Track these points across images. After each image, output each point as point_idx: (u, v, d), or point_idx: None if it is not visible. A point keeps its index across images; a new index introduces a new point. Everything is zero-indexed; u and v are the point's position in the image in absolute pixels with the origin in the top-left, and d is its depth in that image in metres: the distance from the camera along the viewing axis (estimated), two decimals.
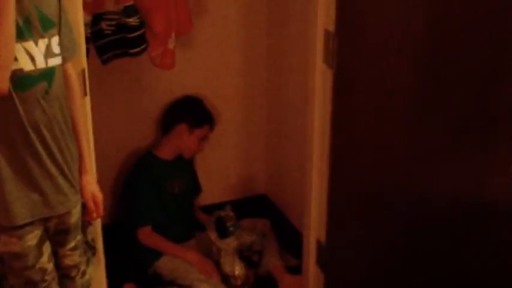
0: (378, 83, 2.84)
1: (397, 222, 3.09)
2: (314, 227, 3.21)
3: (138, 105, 3.75)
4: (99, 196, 2.44)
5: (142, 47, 3.22)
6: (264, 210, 4.11)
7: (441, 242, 3.12)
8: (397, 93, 2.86)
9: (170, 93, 3.77)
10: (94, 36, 3.13)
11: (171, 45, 3.29)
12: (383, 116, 2.90)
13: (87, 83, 2.54)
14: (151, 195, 3.58)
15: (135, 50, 3.21)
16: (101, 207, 2.44)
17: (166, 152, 3.66)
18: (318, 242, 3.21)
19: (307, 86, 3.05)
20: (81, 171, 2.36)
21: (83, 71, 2.51)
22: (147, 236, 3.56)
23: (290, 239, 3.82)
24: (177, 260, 3.53)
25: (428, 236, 3.12)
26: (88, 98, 2.55)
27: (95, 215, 2.43)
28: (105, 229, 2.75)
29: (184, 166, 3.77)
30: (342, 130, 2.93)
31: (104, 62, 3.22)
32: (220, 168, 4.12)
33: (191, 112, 3.66)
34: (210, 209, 3.89)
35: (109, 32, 3.17)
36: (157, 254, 3.56)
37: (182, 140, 3.63)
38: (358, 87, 2.86)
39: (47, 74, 2.12)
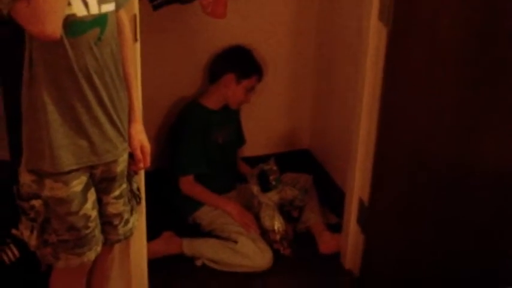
0: (433, 41, 2.79)
1: (442, 187, 3.06)
2: (357, 185, 3.20)
3: (187, 53, 3.71)
4: (147, 146, 2.42)
5: None
6: (306, 165, 4.07)
7: (484, 209, 3.09)
8: (451, 52, 2.82)
9: (219, 42, 3.72)
10: None
11: None
12: (436, 76, 2.86)
13: (137, 29, 2.51)
14: (196, 144, 3.55)
15: None
16: (148, 157, 2.43)
17: (212, 101, 3.63)
18: (360, 201, 3.20)
19: (360, 42, 3.01)
20: (130, 119, 2.34)
21: (135, 16, 2.48)
22: (188, 185, 3.55)
23: (331, 196, 3.81)
24: (217, 211, 3.52)
25: (471, 203, 3.08)
26: (138, 44, 2.52)
27: (141, 164, 2.41)
28: (147, 176, 2.73)
29: (230, 116, 3.74)
30: (393, 90, 2.89)
31: (155, 8, 3.17)
32: (265, 120, 4.09)
33: (240, 62, 3.62)
34: (252, 160, 3.88)
35: None
36: (197, 204, 3.55)
37: (229, 90, 3.59)
38: (412, 46, 2.81)
39: (100, 20, 2.09)
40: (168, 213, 3.59)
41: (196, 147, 3.56)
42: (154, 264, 3.08)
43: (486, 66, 2.83)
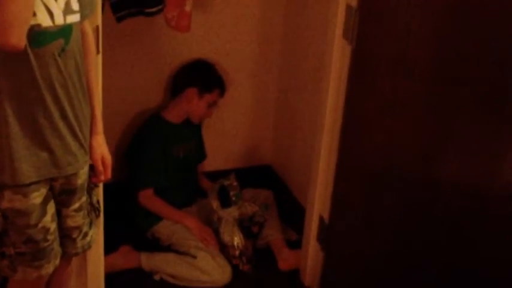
0: (397, 61, 2.80)
1: (404, 205, 3.06)
2: (318, 203, 3.21)
3: (149, 66, 3.70)
4: (108, 158, 2.39)
5: (159, 7, 3.15)
6: (267, 181, 4.07)
7: (448, 227, 3.09)
8: (415, 73, 2.82)
9: (182, 56, 3.71)
10: None
11: (188, 8, 3.22)
12: (399, 95, 2.86)
13: (100, 41, 2.49)
14: (156, 158, 3.53)
15: (151, 9, 3.14)
16: (109, 169, 2.40)
17: (174, 115, 3.61)
18: (321, 219, 3.20)
19: (324, 61, 3.02)
20: (91, 131, 2.31)
21: (97, 28, 2.45)
22: (148, 198, 3.52)
23: (292, 213, 3.81)
24: (176, 226, 3.50)
25: (434, 220, 3.09)
26: (100, 56, 2.50)
27: (102, 177, 2.39)
28: (106, 189, 2.70)
29: (192, 130, 3.73)
30: (356, 107, 2.90)
31: (118, 19, 3.15)
32: (226, 135, 4.09)
33: (202, 76, 3.61)
34: (213, 175, 3.86)
35: None
36: (156, 218, 3.53)
37: (191, 104, 3.57)
38: (376, 65, 2.83)
39: (65, 31, 2.06)
40: (127, 226, 3.55)
41: (156, 161, 3.54)
42: (112, 278, 3.06)
43: (453, 85, 2.85)
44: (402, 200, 3.05)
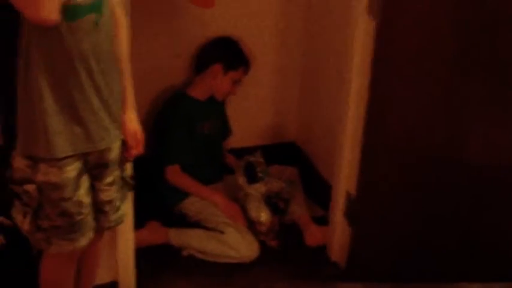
0: (421, 35, 2.80)
1: (430, 181, 3.06)
2: (344, 178, 3.20)
3: (174, 42, 3.69)
4: (141, 133, 2.41)
5: None
6: (292, 158, 4.08)
7: (474, 201, 3.10)
8: (439, 46, 2.82)
9: (207, 33, 3.70)
10: None
11: None
12: (424, 70, 2.86)
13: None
14: (182, 134, 3.54)
15: None
16: (142, 144, 2.42)
17: (198, 92, 3.61)
18: (348, 194, 3.20)
19: (348, 35, 3.01)
20: (123, 106, 2.32)
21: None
22: (175, 174, 3.53)
23: (317, 189, 3.81)
24: (203, 202, 3.51)
25: (461, 195, 3.09)
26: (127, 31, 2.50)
27: (134, 151, 2.40)
28: (133, 164, 2.70)
29: (216, 107, 3.73)
30: (381, 83, 2.90)
31: None
32: (251, 112, 4.09)
33: (227, 53, 3.60)
34: (238, 152, 3.87)
35: None
36: (184, 194, 3.54)
37: (216, 81, 3.57)
38: (401, 39, 2.81)
39: (97, 5, 2.07)
40: (154, 202, 3.57)
41: (182, 137, 3.55)
42: (141, 254, 3.07)
43: (477, 60, 2.84)
44: (428, 175, 3.05)
